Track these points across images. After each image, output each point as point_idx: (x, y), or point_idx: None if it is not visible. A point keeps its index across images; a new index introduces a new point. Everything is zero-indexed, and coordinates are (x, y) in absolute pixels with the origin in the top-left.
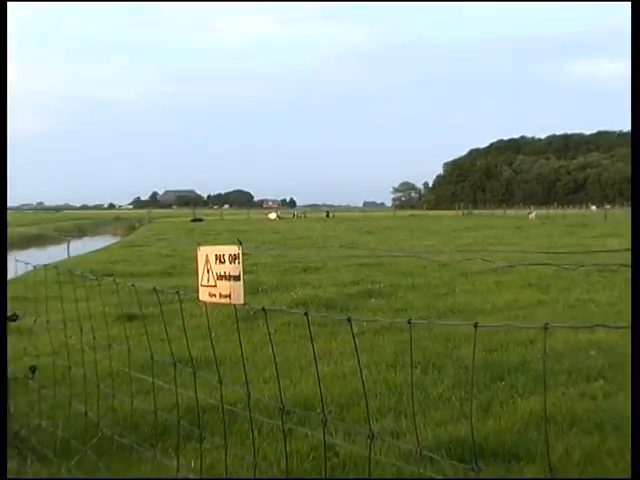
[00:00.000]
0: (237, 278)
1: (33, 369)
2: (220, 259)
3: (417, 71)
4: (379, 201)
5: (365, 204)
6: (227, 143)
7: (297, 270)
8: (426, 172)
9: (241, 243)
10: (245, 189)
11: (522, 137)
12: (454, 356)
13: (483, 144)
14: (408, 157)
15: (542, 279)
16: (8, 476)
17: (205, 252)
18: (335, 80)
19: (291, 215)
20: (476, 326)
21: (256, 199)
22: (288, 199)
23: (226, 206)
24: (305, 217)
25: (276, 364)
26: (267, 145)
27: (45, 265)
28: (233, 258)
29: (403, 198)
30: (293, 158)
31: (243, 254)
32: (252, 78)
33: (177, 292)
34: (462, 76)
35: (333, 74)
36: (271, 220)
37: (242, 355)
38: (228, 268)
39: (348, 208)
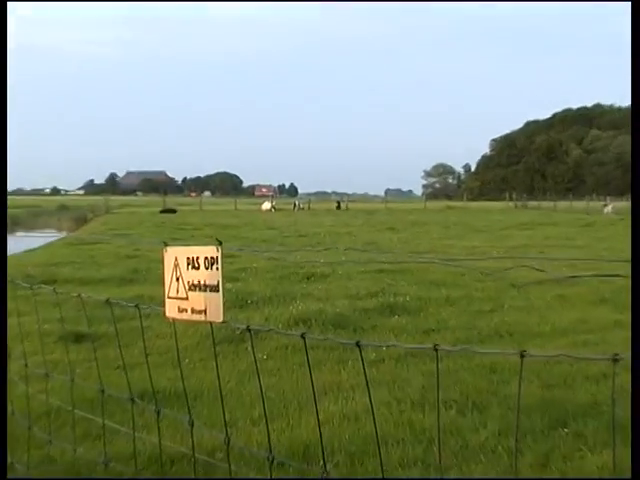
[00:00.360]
0: (215, 288)
1: None
2: (194, 263)
3: (454, 18)
4: (406, 188)
5: (388, 192)
6: (209, 111)
7: (297, 277)
8: (467, 151)
9: (220, 243)
10: (232, 171)
11: (597, 105)
12: (501, 393)
13: (544, 114)
14: (444, 130)
15: (618, 293)
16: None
17: (174, 254)
18: (350, 29)
19: (291, 206)
20: (523, 355)
21: (246, 184)
22: (287, 185)
23: (207, 193)
24: (309, 208)
25: (264, 400)
26: (261, 115)
27: None
28: (210, 262)
29: (437, 185)
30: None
31: (225, 256)
32: (246, 25)
33: (137, 305)
34: (516, 23)
35: (348, 22)
36: (265, 212)
37: (220, 388)
38: (204, 275)
39: (365, 197)
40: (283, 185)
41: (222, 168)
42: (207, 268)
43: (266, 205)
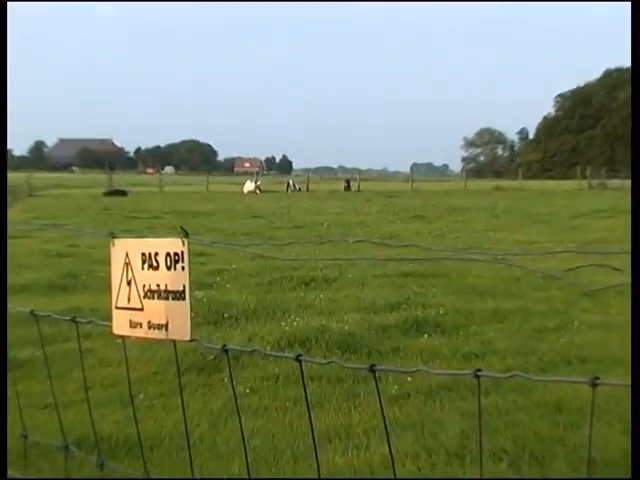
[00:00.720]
0: (180, 295)
1: None
2: (151, 261)
3: None
4: (439, 162)
5: (415, 168)
6: (171, 61)
7: (292, 283)
8: (524, 114)
9: (187, 234)
10: (203, 140)
11: None
12: (570, 441)
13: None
14: (491, 84)
15: None
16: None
17: (124, 248)
18: None
19: (283, 186)
20: (595, 384)
21: (222, 157)
22: (278, 158)
23: (169, 169)
24: (308, 190)
25: (246, 451)
26: (243, 65)
27: None
28: (174, 260)
29: (482, 158)
30: (289, 87)
31: (194, 254)
32: None
33: (74, 319)
34: None
35: None
36: (248, 194)
37: (187, 434)
38: (165, 277)
39: (384, 175)
40: (272, 158)
41: (190, 135)
42: (169, 268)
43: (249, 185)
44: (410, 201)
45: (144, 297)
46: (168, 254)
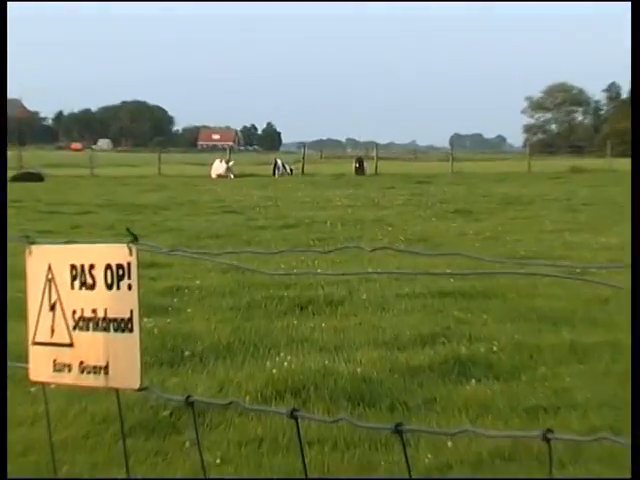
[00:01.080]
0: (126, 325)
1: None
2: (84, 278)
3: None
4: (491, 134)
5: (456, 141)
6: None
7: (282, 306)
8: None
9: (135, 238)
10: (151, 101)
11: None
12: None
13: None
14: (567, 20)
15: None
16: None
17: (46, 259)
18: None
19: (268, 168)
20: None
21: (180, 127)
22: (260, 127)
23: (104, 142)
24: (303, 173)
25: None
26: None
27: None
28: (117, 275)
29: (553, 126)
30: (273, 31)
31: (143, 265)
32: None
33: None
34: None
35: None
36: (217, 179)
37: None
38: (104, 300)
39: (410, 150)
40: (252, 128)
41: (134, 95)
42: (110, 286)
43: (219, 166)
44: (450, 188)
45: (74, 328)
46: (109, 267)
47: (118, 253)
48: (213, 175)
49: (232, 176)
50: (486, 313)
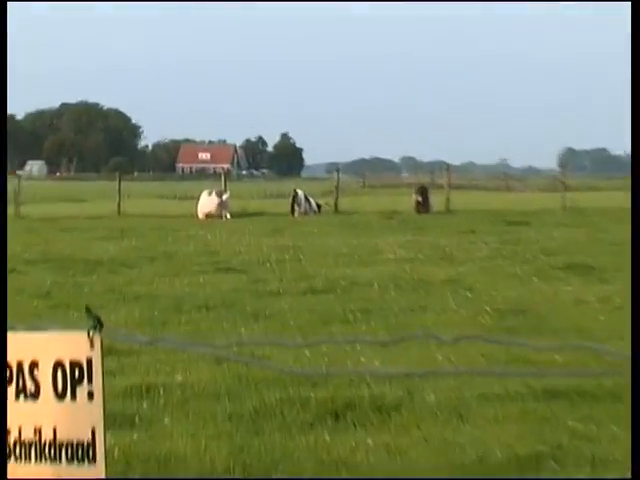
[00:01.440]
0: (84, 453)
1: None
2: (21, 380)
3: None
4: (621, 150)
5: (568, 160)
6: None
7: (307, 414)
8: None
9: (99, 322)
10: (108, 104)
11: None
12: None
13: None
14: None
15: None
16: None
17: None
18: None
19: (285, 202)
20: None
21: (150, 142)
22: (271, 142)
23: (34, 165)
24: (336, 209)
25: None
26: None
27: None
28: (74, 378)
29: None
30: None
31: (106, 358)
32: None
33: None
34: None
35: None
36: (206, 220)
37: None
38: (52, 414)
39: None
40: (259, 143)
41: (81, 94)
42: (62, 395)
43: (208, 201)
44: (560, 233)
45: (8, 457)
46: (59, 365)
47: (73, 345)
48: (200, 214)
49: (229, 215)
50: (617, 424)
